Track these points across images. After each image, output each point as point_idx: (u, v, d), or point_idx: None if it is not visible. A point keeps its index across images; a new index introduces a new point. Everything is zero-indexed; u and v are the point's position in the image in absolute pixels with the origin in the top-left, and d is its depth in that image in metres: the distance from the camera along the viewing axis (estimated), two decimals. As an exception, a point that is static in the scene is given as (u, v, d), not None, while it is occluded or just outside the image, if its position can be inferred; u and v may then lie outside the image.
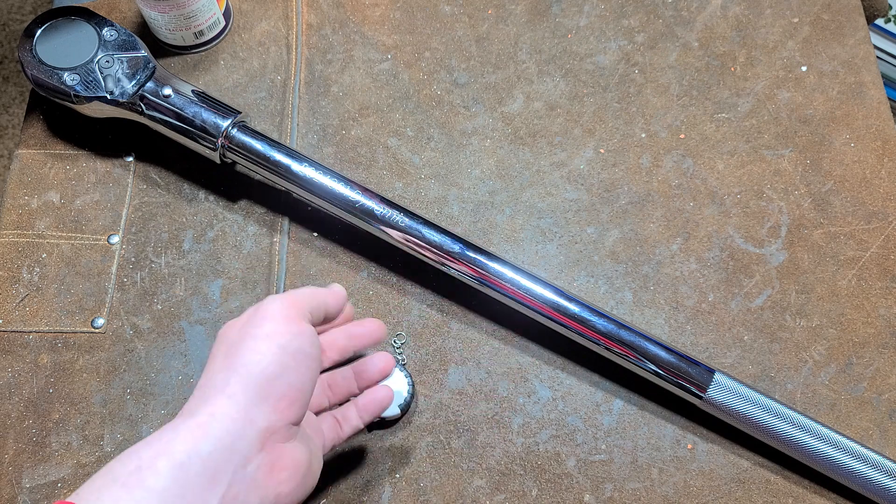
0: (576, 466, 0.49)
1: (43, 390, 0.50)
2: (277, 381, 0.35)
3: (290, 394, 0.35)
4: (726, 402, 0.47)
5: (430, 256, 0.50)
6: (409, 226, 0.49)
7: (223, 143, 0.52)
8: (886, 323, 0.53)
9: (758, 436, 0.48)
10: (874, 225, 0.55)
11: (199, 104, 0.52)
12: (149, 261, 0.54)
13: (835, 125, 0.58)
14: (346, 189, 0.50)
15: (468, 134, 0.58)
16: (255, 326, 0.36)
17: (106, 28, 0.54)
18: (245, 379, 0.35)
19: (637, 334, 0.48)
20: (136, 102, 0.52)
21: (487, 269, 0.49)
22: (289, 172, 0.51)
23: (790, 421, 0.46)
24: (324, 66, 0.60)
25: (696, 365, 0.47)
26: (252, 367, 0.35)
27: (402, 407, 0.48)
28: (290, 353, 0.36)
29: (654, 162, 0.57)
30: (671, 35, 0.61)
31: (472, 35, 0.62)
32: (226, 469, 0.33)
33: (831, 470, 0.47)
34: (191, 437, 0.33)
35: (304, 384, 0.36)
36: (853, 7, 0.62)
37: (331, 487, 0.48)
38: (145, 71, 0.52)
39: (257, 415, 0.34)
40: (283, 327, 0.36)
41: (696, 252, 0.55)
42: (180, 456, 0.32)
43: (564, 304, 0.48)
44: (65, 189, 0.56)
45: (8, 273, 0.53)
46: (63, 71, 0.52)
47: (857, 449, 0.46)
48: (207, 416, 0.34)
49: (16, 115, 1.38)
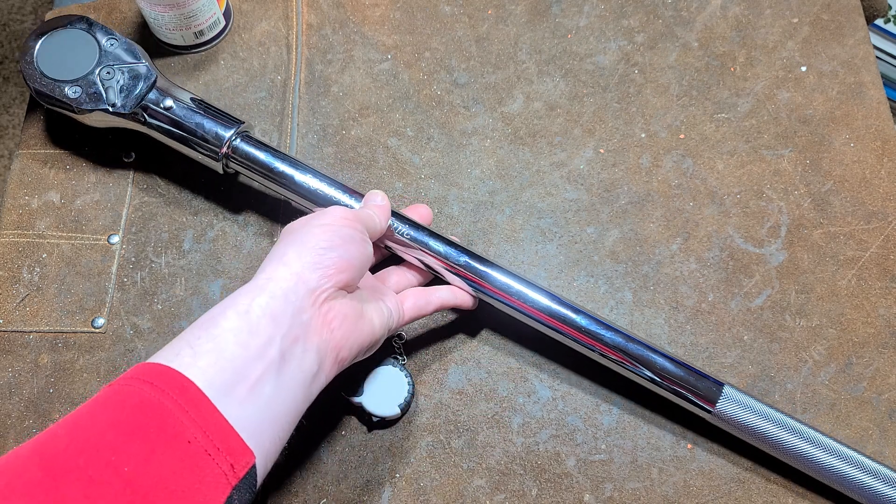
0: (576, 466, 0.49)
1: (43, 390, 0.50)
2: (328, 253, 0.41)
3: (338, 263, 0.41)
4: (736, 416, 0.46)
5: (439, 271, 0.50)
6: (415, 238, 0.49)
7: (226, 154, 0.51)
8: (886, 323, 0.53)
9: (767, 449, 0.47)
10: (874, 225, 0.56)
11: (202, 114, 0.51)
12: (149, 261, 0.54)
13: (834, 125, 0.58)
14: (353, 201, 0.50)
15: (468, 134, 0.58)
16: (316, 218, 0.43)
17: (106, 38, 0.54)
18: (300, 249, 0.41)
19: (645, 347, 0.47)
20: (138, 113, 0.52)
21: (494, 283, 0.49)
22: (293, 183, 0.50)
23: (800, 435, 0.46)
24: (324, 66, 0.60)
25: (705, 378, 0.47)
26: (307, 241, 0.41)
27: (402, 407, 0.48)
28: (340, 236, 0.42)
29: (654, 162, 0.57)
30: (671, 35, 0.61)
31: (472, 35, 0.62)
32: (283, 314, 0.38)
33: (842, 485, 0.46)
34: (251, 293, 0.39)
35: (353, 258, 0.42)
36: (853, 7, 0.62)
37: (331, 487, 0.48)
38: (146, 81, 0.52)
39: (309, 276, 0.40)
40: (339, 220, 0.43)
41: (696, 252, 0.55)
42: (243, 306, 0.38)
43: (573, 317, 0.48)
44: (65, 189, 0.56)
45: (8, 273, 0.53)
46: (65, 84, 0.52)
47: (870, 464, 0.46)
48: (265, 280, 0.39)
49: (16, 116, 1.38)
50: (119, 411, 0.33)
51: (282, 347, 0.37)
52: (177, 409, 0.33)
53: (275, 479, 0.48)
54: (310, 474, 0.48)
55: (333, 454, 0.49)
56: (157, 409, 0.33)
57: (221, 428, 0.34)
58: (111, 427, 0.32)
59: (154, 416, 0.33)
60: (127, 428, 0.32)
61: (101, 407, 0.33)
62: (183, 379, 0.34)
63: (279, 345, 0.37)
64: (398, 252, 0.50)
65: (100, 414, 0.33)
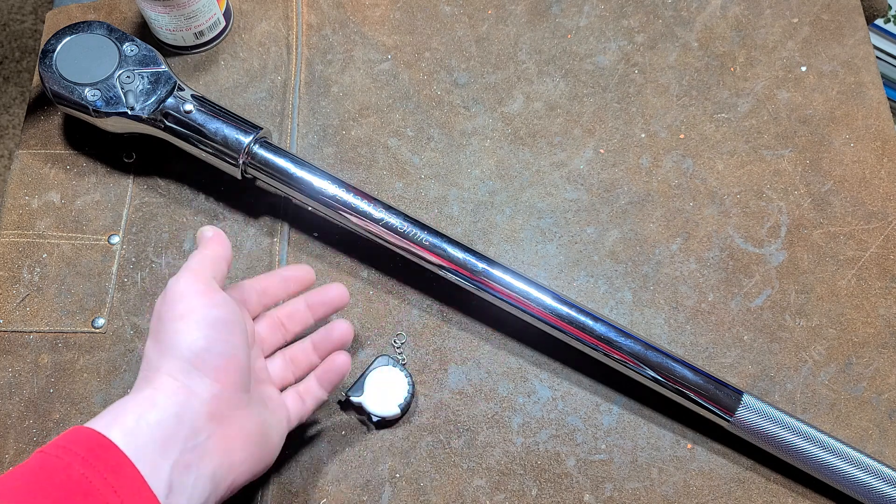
0: (576, 466, 0.49)
1: (43, 390, 0.50)
2: (207, 354, 0.36)
3: (222, 362, 0.36)
4: (755, 424, 0.46)
5: (452, 279, 0.50)
6: (434, 244, 0.49)
7: (245, 160, 0.52)
8: (886, 323, 0.53)
9: (786, 458, 0.47)
10: (874, 225, 0.56)
11: (221, 120, 0.52)
12: (149, 261, 0.54)
13: (834, 125, 0.58)
14: (370, 207, 0.50)
15: (468, 134, 0.58)
16: (169, 310, 0.37)
17: (126, 43, 0.54)
18: (177, 359, 0.36)
19: (664, 355, 0.48)
20: (157, 118, 0.52)
21: (513, 289, 0.49)
22: (311, 189, 0.51)
23: (820, 444, 0.46)
24: (324, 67, 0.60)
25: (724, 386, 0.47)
26: (180, 347, 0.36)
27: (402, 407, 0.48)
28: (210, 325, 0.37)
29: (654, 162, 0.57)
30: (671, 35, 0.61)
31: (472, 35, 0.62)
32: (175, 438, 0.34)
33: (862, 495, 0.46)
34: (139, 408, 0.34)
35: (235, 349, 0.37)
36: (853, 7, 0.62)
37: (331, 487, 0.48)
38: (166, 86, 0.52)
39: (198, 387, 0.35)
40: (196, 302, 0.37)
41: (696, 252, 0.55)
42: (130, 424, 0.33)
43: (591, 325, 0.48)
44: (65, 189, 0.56)
45: (8, 273, 0.54)
46: (84, 87, 0.52)
47: (890, 473, 0.46)
48: (152, 391, 0.35)
49: (16, 116, 1.38)
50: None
51: (170, 478, 0.33)
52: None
53: (275, 480, 0.48)
54: (310, 474, 0.48)
55: (333, 454, 0.49)
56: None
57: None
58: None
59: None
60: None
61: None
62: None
63: (167, 475, 0.33)
64: (410, 257, 0.50)
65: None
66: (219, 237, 0.42)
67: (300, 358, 0.46)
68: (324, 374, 0.45)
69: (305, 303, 0.46)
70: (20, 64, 1.42)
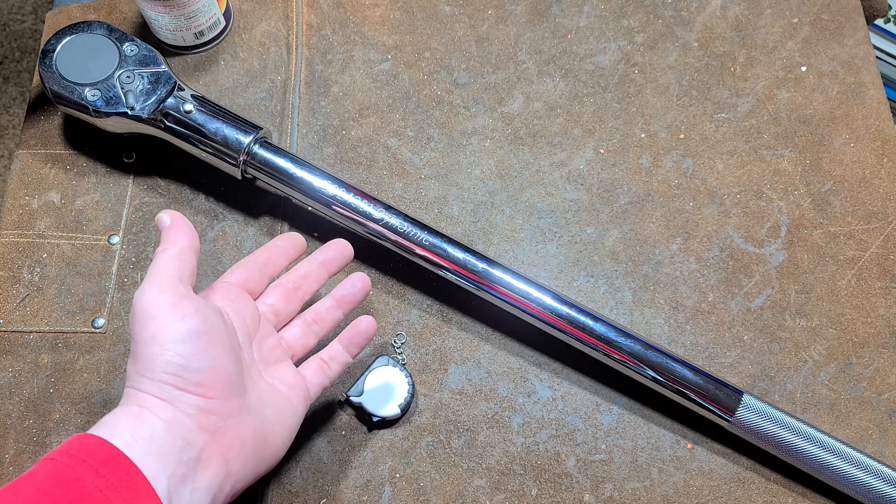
0: (576, 466, 0.49)
1: (43, 390, 0.50)
2: (185, 372, 0.35)
3: (203, 377, 0.35)
4: (755, 424, 0.46)
5: (452, 279, 0.50)
6: (434, 244, 0.50)
7: (245, 160, 0.52)
8: (886, 323, 0.53)
9: (786, 458, 0.47)
10: (874, 225, 0.56)
11: (221, 120, 0.52)
12: (149, 261, 0.54)
13: (834, 125, 0.58)
14: (370, 207, 0.50)
15: (468, 134, 0.58)
16: (140, 331, 0.36)
17: (126, 43, 0.54)
18: (157, 381, 0.35)
19: (664, 355, 0.48)
20: (157, 118, 0.52)
21: (513, 289, 0.49)
22: (311, 190, 0.51)
23: (820, 444, 0.46)
24: (324, 67, 0.60)
25: (724, 386, 0.47)
26: (156, 371, 0.35)
27: (402, 407, 0.48)
28: (183, 341, 0.35)
29: (654, 162, 0.57)
30: (671, 35, 0.61)
31: (472, 35, 0.62)
32: (170, 451, 0.33)
33: (862, 495, 0.46)
34: (129, 422, 0.34)
35: (215, 360, 0.36)
36: (853, 7, 0.62)
37: (331, 487, 0.48)
38: (166, 86, 0.52)
39: (183, 404, 0.35)
40: (166, 317, 0.35)
41: (696, 252, 0.55)
42: (126, 438, 0.33)
43: (591, 325, 0.48)
44: (65, 189, 0.56)
45: (8, 273, 0.54)
46: (84, 86, 0.52)
47: (889, 473, 0.46)
48: (138, 408, 0.35)
49: (16, 116, 1.38)
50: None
51: (168, 488, 0.33)
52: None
53: (275, 480, 0.48)
54: (310, 474, 0.48)
55: (333, 454, 0.49)
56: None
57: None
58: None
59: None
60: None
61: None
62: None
63: (165, 485, 0.33)
64: (411, 258, 0.50)
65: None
66: (178, 225, 0.39)
67: (325, 317, 0.45)
68: (351, 337, 0.45)
69: (317, 260, 0.47)
70: (20, 64, 1.42)
